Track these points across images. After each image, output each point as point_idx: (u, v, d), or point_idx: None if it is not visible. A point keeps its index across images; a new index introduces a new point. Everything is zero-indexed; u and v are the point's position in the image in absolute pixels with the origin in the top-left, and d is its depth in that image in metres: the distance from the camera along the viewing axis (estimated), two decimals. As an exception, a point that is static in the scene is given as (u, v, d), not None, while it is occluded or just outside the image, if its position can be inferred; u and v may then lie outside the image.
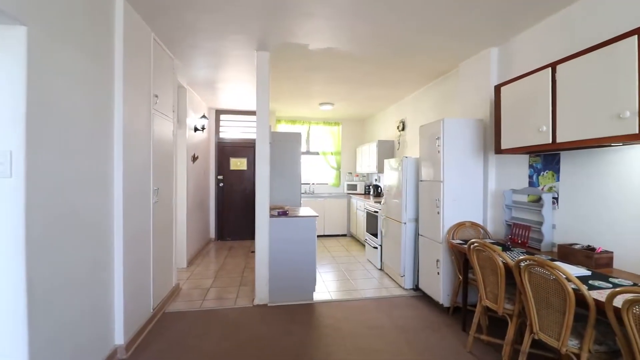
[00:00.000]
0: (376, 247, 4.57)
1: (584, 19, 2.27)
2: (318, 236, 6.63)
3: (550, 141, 2.17)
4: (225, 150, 6.39)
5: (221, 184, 6.36)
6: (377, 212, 4.72)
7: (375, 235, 4.66)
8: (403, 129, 5.49)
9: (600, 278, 1.83)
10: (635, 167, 1.96)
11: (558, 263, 2.05)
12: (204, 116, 5.31)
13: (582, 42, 2.19)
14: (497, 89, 2.71)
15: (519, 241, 2.65)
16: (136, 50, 2.53)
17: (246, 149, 6.37)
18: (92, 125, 2.02)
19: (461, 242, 2.81)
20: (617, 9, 2.05)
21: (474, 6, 2.41)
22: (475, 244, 2.29)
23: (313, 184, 7.22)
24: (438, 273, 3.13)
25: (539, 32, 2.66)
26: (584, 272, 1.92)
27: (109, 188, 2.24)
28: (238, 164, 6.40)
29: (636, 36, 1.68)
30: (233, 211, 6.39)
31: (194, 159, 4.99)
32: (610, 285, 1.71)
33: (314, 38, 3.02)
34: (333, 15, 2.59)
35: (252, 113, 6.36)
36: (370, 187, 6.62)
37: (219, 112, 6.40)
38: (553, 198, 2.49)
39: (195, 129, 5.08)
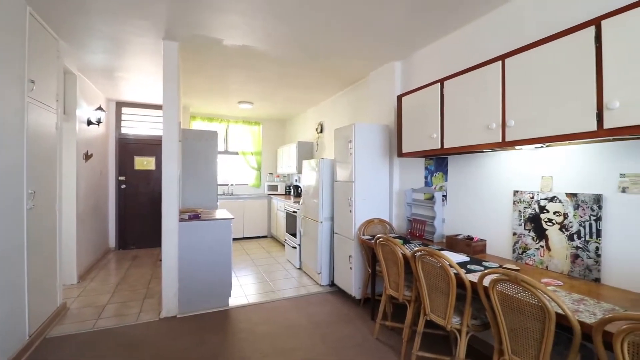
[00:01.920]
0: (295, 247, 4.63)
1: (465, 43, 2.68)
2: (238, 239, 6.42)
3: (439, 147, 2.51)
4: (129, 147, 5.71)
5: (123, 186, 5.66)
6: (296, 212, 4.78)
7: (295, 235, 4.72)
8: (321, 131, 5.69)
9: (476, 262, 2.18)
10: (499, 169, 2.39)
11: (445, 252, 2.38)
12: (100, 108, 4.65)
13: (463, 63, 2.59)
14: (399, 98, 3.01)
15: (417, 234, 2.98)
16: (3, 24, 2.08)
17: (154, 146, 5.79)
18: None
19: (370, 237, 3.04)
20: (488, 39, 2.47)
21: (379, 23, 2.63)
22: (380, 239, 2.50)
23: (232, 184, 6.96)
24: (351, 268, 3.33)
25: (433, 50, 3.04)
26: (464, 258, 2.26)
27: (-41, 192, 1.79)
28: (144, 163, 5.78)
29: (500, 62, 2.05)
30: (138, 216, 5.74)
31: (87, 157, 4.34)
32: (483, 268, 2.05)
33: (228, 33, 2.91)
34: (248, 12, 2.53)
35: (161, 107, 5.83)
36: (291, 187, 6.68)
37: (120, 105, 5.68)
38: (443, 196, 2.88)
39: (89, 123, 4.42)
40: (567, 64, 1.68)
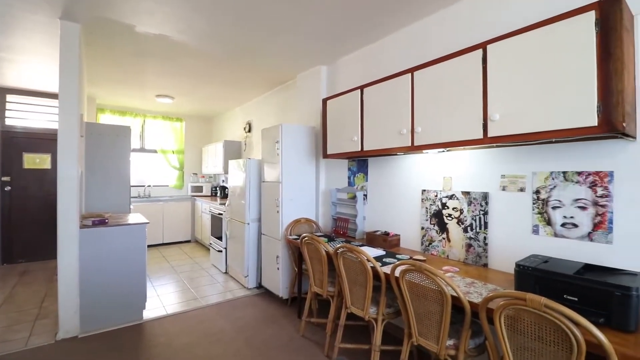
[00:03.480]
0: (221, 251, 4.45)
1: (384, 54, 2.91)
2: (156, 245, 5.91)
3: (360, 149, 2.67)
4: (16, 142, 4.81)
5: (8, 188, 4.74)
6: (222, 214, 4.60)
7: (221, 238, 4.53)
8: (249, 131, 5.56)
9: (391, 256, 2.37)
10: (411, 170, 2.65)
11: (364, 248, 2.54)
12: (-27, 94, 3.83)
13: (382, 72, 2.81)
14: (324, 101, 3.11)
15: (341, 232, 3.13)
16: None
17: (50, 142, 4.97)
18: None
19: (296, 237, 3.08)
20: (402, 52, 2.72)
21: (304, 26, 2.69)
22: (306, 238, 2.56)
23: (149, 185, 6.36)
24: (278, 268, 3.33)
25: (356, 58, 3.22)
26: (380, 252, 2.45)
27: None
28: (37, 161, 4.92)
29: (410, 74, 2.26)
30: (29, 224, 4.87)
31: (-46, 152, 3.53)
32: (396, 261, 2.24)
33: (142, 20, 2.66)
34: None
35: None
36: (217, 188, 6.39)
37: (4, 91, 4.74)
38: (364, 195, 3.07)
39: (-43, 111, 3.61)
40: (462, 80, 1.94)
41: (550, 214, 1.84)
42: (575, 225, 1.75)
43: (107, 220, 2.85)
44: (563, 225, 1.79)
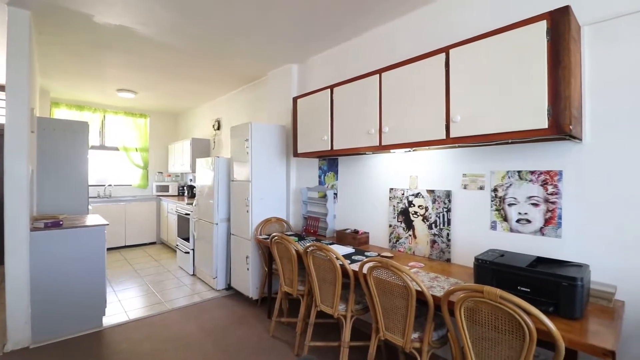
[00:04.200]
0: (188, 252, 4.31)
1: (353, 55, 2.94)
2: (117, 248, 5.62)
3: (330, 148, 2.69)
4: (-45, 138, 4.36)
5: (-55, 188, 4.29)
6: (189, 214, 4.45)
7: (188, 239, 4.38)
8: (219, 128, 5.43)
9: (360, 253, 2.41)
10: (379, 170, 2.71)
11: (334, 246, 2.56)
12: None
13: (351, 72, 2.85)
14: (295, 100, 3.10)
15: (312, 231, 3.14)
16: None
17: (-3, 138, 4.57)
18: None
19: (266, 236, 3.05)
20: (370, 53, 2.77)
21: (272, 25, 2.66)
22: (276, 237, 2.53)
23: (110, 185, 6.03)
24: (248, 269, 3.28)
25: (327, 57, 3.24)
26: (350, 250, 2.48)
27: None
28: (-20, 158, 4.50)
29: (378, 75, 2.31)
30: (-29, 226, 4.44)
31: None
32: (364, 258, 2.28)
33: (100, 9, 2.51)
34: (124, -11, 2.24)
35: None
36: (185, 187, 6.18)
37: (-61, 81, 4.29)
38: (334, 194, 3.10)
39: None
40: (426, 82, 2.01)
41: (507, 211, 1.96)
42: (528, 221, 1.87)
43: (61, 222, 2.67)
44: (518, 221, 1.91)
